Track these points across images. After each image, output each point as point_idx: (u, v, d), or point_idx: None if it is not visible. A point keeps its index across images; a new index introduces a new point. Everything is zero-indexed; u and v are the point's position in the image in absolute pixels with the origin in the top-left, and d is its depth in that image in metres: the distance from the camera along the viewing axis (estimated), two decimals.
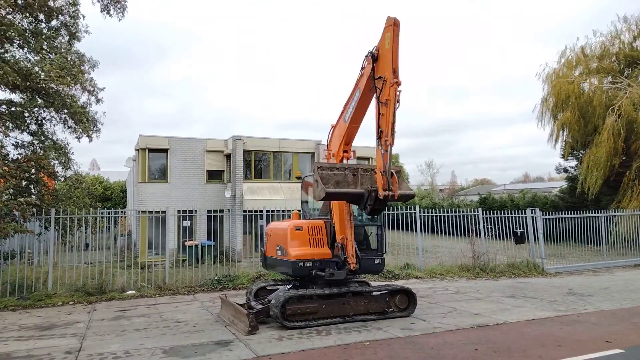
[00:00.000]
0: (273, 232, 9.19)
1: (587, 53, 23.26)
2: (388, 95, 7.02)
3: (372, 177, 7.69)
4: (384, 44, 7.28)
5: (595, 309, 9.29)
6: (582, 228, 16.00)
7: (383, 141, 7.02)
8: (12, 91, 11.91)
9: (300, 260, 8.29)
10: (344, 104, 8.33)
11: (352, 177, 7.87)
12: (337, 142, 8.50)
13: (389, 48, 7.15)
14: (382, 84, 7.14)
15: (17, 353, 6.65)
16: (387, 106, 7.00)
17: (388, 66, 7.12)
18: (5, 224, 10.37)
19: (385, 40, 7.23)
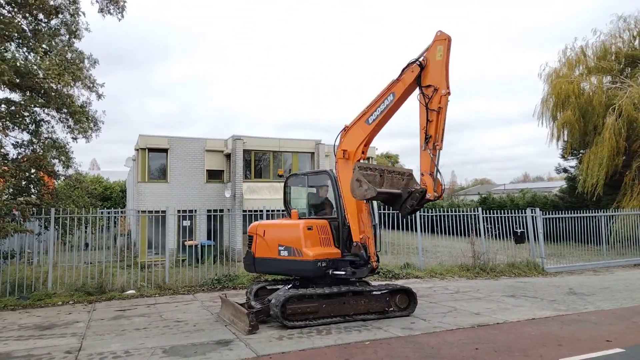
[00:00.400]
0: (270, 232, 8.82)
1: (587, 53, 23.27)
2: (440, 104, 7.50)
3: (395, 178, 8.31)
4: (434, 55, 7.69)
5: (596, 308, 9.29)
6: (582, 228, 15.99)
7: (432, 145, 7.52)
8: (11, 90, 11.90)
9: (319, 260, 8.15)
10: (367, 106, 8.33)
11: (379, 178, 8.12)
12: (355, 143, 8.40)
13: (440, 60, 7.61)
14: (432, 92, 7.56)
15: (17, 353, 6.64)
16: (438, 113, 7.49)
17: (439, 76, 7.58)
18: (5, 224, 10.37)
19: (437, 52, 7.66)
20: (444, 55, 7.58)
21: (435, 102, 7.53)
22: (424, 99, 7.63)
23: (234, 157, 20.89)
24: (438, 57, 7.64)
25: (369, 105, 8.31)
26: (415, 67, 7.83)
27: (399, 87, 8.00)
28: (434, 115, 7.50)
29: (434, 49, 7.72)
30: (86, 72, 12.63)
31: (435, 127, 7.51)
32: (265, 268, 9.01)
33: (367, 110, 8.31)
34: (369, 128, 8.26)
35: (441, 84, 7.53)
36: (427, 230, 15.16)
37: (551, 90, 23.08)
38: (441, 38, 7.67)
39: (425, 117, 7.59)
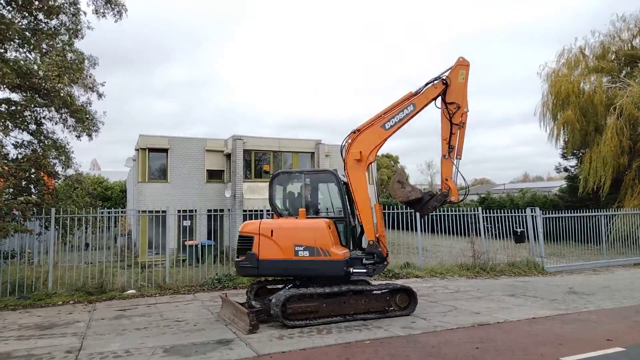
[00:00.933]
0: (280, 231, 8.29)
1: (586, 53, 23.28)
2: (462, 120, 8.58)
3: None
4: (456, 77, 8.68)
5: (596, 307, 9.29)
6: (582, 227, 16.00)
7: (454, 155, 8.66)
8: (11, 90, 11.91)
9: (345, 259, 8.16)
10: (382, 112, 8.76)
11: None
12: (370, 146, 8.72)
13: (462, 82, 8.67)
14: (455, 108, 8.59)
15: (17, 352, 6.64)
16: (461, 128, 8.59)
17: (461, 96, 8.62)
18: (5, 224, 10.37)
19: (459, 75, 8.68)
20: (465, 79, 8.69)
21: (457, 118, 8.58)
22: (448, 114, 8.61)
23: (234, 157, 20.89)
24: (460, 79, 8.67)
25: (385, 112, 8.75)
26: (439, 84, 8.66)
27: (421, 99, 8.73)
28: (456, 129, 8.58)
29: (456, 72, 8.68)
30: (86, 72, 12.64)
31: (458, 140, 8.62)
32: (274, 270, 8.45)
33: (385, 116, 8.71)
34: (385, 134, 8.72)
35: (463, 103, 8.58)
36: (427, 230, 15.17)
37: (551, 90, 23.09)
38: (463, 64, 8.70)
39: (449, 130, 8.61)
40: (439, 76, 8.70)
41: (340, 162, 9.16)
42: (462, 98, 8.59)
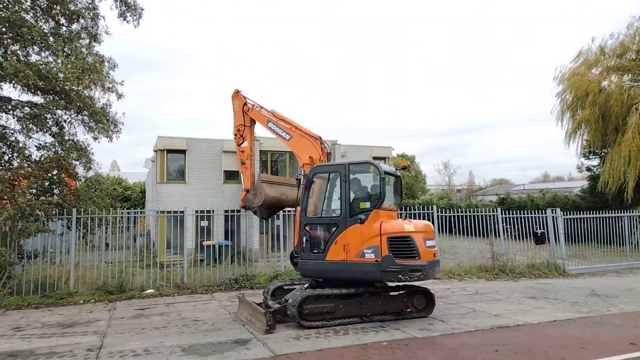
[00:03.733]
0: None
1: (606, 52, 22.74)
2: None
3: None
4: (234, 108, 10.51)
5: (619, 310, 9.08)
6: (605, 228, 15.65)
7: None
8: (33, 93, 12.17)
9: None
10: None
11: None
12: None
13: (237, 110, 10.42)
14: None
15: (40, 350, 6.78)
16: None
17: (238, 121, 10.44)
18: (28, 224, 10.61)
19: (234, 105, 10.48)
20: (239, 105, 10.35)
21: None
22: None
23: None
24: (235, 108, 10.45)
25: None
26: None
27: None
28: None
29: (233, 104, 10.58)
30: (105, 74, 12.85)
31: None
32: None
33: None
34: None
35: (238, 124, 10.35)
36: (445, 231, 15.02)
37: (570, 89, 22.62)
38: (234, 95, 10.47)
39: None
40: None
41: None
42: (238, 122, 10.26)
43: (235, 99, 10.38)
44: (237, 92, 10.40)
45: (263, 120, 9.96)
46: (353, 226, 8.00)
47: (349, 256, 7.98)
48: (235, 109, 10.36)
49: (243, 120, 10.25)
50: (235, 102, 10.35)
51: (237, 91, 10.41)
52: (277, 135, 9.70)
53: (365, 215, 7.96)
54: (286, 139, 9.47)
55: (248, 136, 10.24)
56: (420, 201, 41.38)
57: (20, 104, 12.31)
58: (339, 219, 8.17)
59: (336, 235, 8.10)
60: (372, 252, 7.84)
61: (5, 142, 12.41)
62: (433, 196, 47.91)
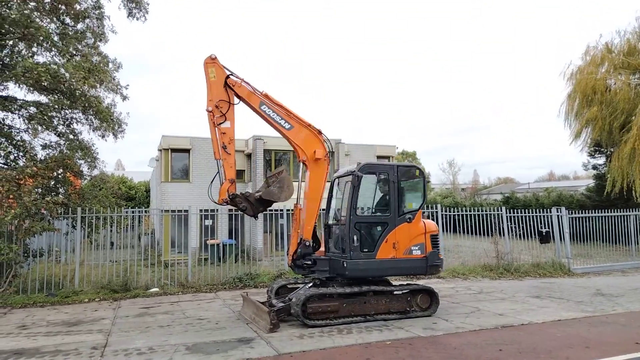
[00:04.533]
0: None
1: (613, 50, 22.58)
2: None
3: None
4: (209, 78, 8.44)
5: (625, 310, 9.03)
6: (611, 227, 15.56)
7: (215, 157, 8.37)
8: (40, 93, 12.24)
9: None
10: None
11: (266, 182, 8.77)
12: None
13: (214, 80, 8.42)
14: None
15: (45, 348, 6.82)
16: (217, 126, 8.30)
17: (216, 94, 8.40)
18: (34, 223, 10.68)
19: (210, 75, 8.42)
20: (216, 75, 8.38)
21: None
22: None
23: (254, 157, 21.03)
24: (212, 78, 8.39)
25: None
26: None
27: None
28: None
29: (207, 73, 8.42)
30: (111, 75, 12.92)
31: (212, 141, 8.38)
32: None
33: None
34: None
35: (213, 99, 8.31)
36: (449, 230, 14.97)
37: (576, 87, 22.48)
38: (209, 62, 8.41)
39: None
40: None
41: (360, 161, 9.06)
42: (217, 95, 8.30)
43: (211, 66, 8.45)
44: (212, 58, 8.45)
45: (255, 101, 8.50)
46: (402, 225, 8.50)
47: (398, 254, 8.41)
48: (211, 78, 8.39)
49: (226, 95, 8.42)
50: (212, 71, 8.42)
51: (213, 58, 8.46)
52: (271, 122, 8.53)
53: (412, 215, 8.63)
54: (285, 128, 8.51)
55: (232, 116, 8.41)
56: None
57: (25, 103, 12.38)
58: (389, 217, 8.53)
59: (387, 233, 8.41)
60: (419, 248, 8.57)
61: (11, 142, 12.50)
62: (437, 194, 47.80)
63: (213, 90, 8.33)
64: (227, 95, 8.38)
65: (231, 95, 8.43)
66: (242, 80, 8.51)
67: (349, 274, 8.17)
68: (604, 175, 25.57)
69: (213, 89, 8.33)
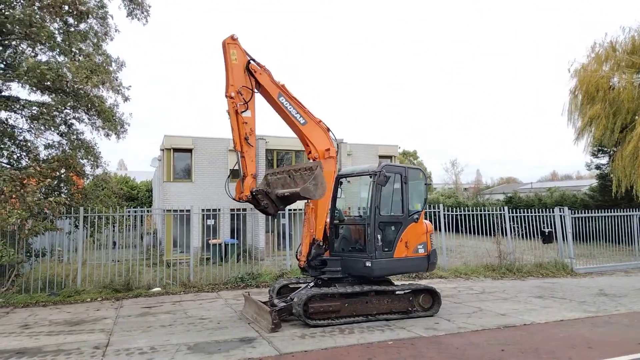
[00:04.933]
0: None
1: (617, 48, 22.50)
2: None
3: (305, 175, 7.98)
4: (230, 60, 7.80)
5: (628, 310, 8.99)
6: (614, 227, 15.51)
7: (234, 148, 7.75)
8: (43, 93, 12.26)
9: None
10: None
11: (289, 178, 8.22)
12: None
13: (236, 64, 7.80)
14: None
15: (47, 347, 6.83)
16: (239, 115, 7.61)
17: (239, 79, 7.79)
18: (36, 223, 10.70)
19: (232, 57, 7.78)
20: (238, 58, 7.75)
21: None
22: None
23: (256, 157, 21.00)
24: (234, 61, 7.73)
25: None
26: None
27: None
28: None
29: (228, 55, 7.75)
30: (113, 75, 12.93)
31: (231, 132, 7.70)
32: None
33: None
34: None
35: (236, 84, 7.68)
36: (452, 230, 14.95)
37: (580, 85, 22.41)
38: (232, 43, 7.76)
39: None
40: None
41: (362, 161, 9.09)
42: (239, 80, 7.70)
43: (232, 47, 7.77)
44: (234, 39, 7.78)
45: (274, 91, 8.03)
46: (411, 225, 8.79)
47: (409, 252, 8.71)
48: (232, 61, 7.71)
49: (247, 81, 7.83)
50: (233, 53, 7.75)
51: (234, 38, 7.79)
52: (287, 116, 8.17)
53: (418, 215, 8.95)
54: (300, 122, 8.25)
55: (253, 105, 7.78)
56: None
57: (28, 103, 12.41)
58: (403, 217, 8.75)
59: (401, 233, 8.65)
60: (423, 247, 8.92)
61: (14, 141, 12.53)
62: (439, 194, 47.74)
63: (235, 75, 7.70)
64: (249, 82, 7.85)
65: (252, 81, 7.89)
66: (264, 67, 8.03)
67: (375, 273, 8.29)
68: (607, 175, 25.49)
69: (235, 73, 7.70)
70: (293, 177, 8.20)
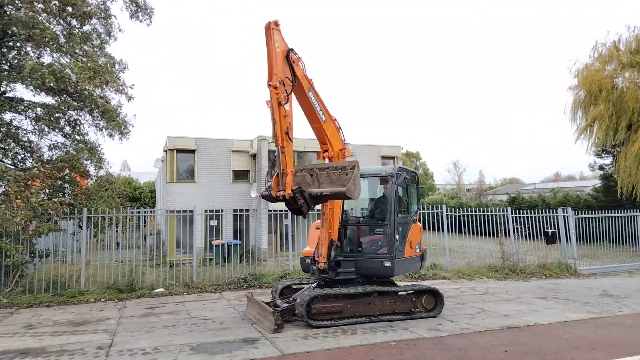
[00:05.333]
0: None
1: (620, 47, 22.40)
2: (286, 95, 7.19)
3: (333, 174, 7.73)
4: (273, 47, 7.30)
5: (632, 311, 8.96)
6: (617, 228, 15.45)
7: (275, 143, 7.12)
8: (46, 94, 12.31)
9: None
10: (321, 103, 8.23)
11: (310, 177, 7.95)
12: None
13: (279, 51, 7.29)
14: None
15: (51, 348, 6.86)
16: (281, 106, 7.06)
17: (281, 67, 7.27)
18: (40, 223, 10.74)
19: (275, 44, 7.28)
20: (280, 44, 7.27)
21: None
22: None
23: (259, 157, 21.06)
24: (277, 49, 7.25)
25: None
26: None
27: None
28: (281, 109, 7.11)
29: (271, 42, 7.28)
30: (116, 76, 12.97)
31: (272, 124, 7.07)
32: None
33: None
34: (323, 126, 8.18)
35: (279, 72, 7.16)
36: (455, 231, 14.92)
37: (582, 85, 22.34)
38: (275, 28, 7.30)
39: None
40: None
41: (364, 162, 9.11)
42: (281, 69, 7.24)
43: (276, 34, 7.28)
44: (277, 24, 7.34)
45: (306, 85, 7.77)
46: (413, 225, 9.07)
47: (412, 252, 8.99)
48: (276, 49, 7.22)
49: (288, 71, 7.43)
50: (276, 40, 7.26)
51: (277, 23, 7.34)
52: (311, 111, 7.96)
53: (416, 216, 9.27)
54: (322, 120, 8.06)
55: (291, 98, 7.36)
56: (428, 200, 41.17)
57: (32, 104, 12.46)
58: (408, 218, 9.00)
59: (407, 233, 8.86)
60: (417, 247, 9.22)
61: (18, 143, 12.58)
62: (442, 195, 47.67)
63: (278, 63, 7.21)
64: (290, 72, 7.47)
65: (290, 72, 7.49)
66: (300, 58, 7.69)
67: (395, 273, 8.50)
68: (610, 176, 25.41)
69: (278, 61, 7.22)
70: (316, 175, 7.87)
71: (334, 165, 7.88)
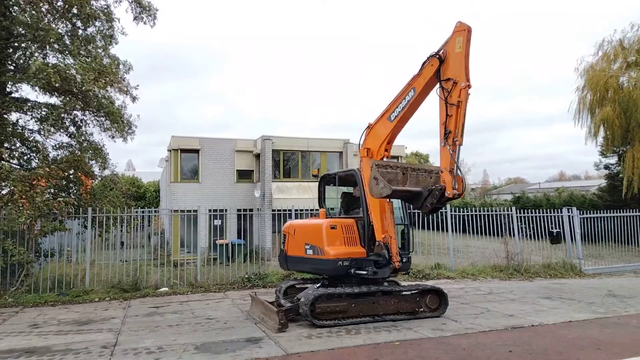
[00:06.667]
0: (299, 231, 8.93)
1: (626, 46, 22.26)
2: (459, 97, 7.20)
3: (421, 176, 7.92)
4: (453, 47, 7.41)
5: (637, 311, 8.90)
6: (623, 228, 15.37)
7: (451, 141, 7.18)
8: (51, 94, 12.37)
9: (340, 259, 8.17)
10: (390, 103, 8.21)
11: (402, 176, 7.86)
12: (378, 141, 8.31)
13: (460, 52, 7.33)
14: (452, 85, 7.30)
15: (56, 347, 6.89)
16: (458, 107, 7.19)
17: (458, 69, 7.31)
18: (45, 223, 10.80)
19: (456, 44, 7.38)
20: (463, 47, 7.30)
21: (454, 95, 7.25)
22: (444, 93, 7.38)
23: (263, 157, 21.08)
24: (457, 49, 7.35)
25: (391, 102, 8.19)
26: (434, 60, 7.58)
27: (419, 81, 7.83)
28: (453, 109, 7.22)
29: (453, 40, 7.45)
30: (121, 76, 13.01)
31: (454, 122, 7.19)
32: (295, 266, 9.19)
33: (390, 107, 8.20)
34: (391, 125, 8.15)
35: (460, 76, 7.25)
36: (459, 230, 14.88)
37: (588, 85, 22.22)
38: (461, 29, 7.37)
39: (445, 112, 7.31)
40: (437, 51, 7.61)
41: None
42: (459, 71, 7.30)
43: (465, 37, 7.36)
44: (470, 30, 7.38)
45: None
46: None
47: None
48: (457, 50, 7.38)
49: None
50: (459, 41, 7.40)
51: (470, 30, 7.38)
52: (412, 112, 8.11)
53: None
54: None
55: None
56: None
57: (37, 104, 12.53)
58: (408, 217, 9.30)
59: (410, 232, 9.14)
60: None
61: (24, 143, 12.65)
62: None
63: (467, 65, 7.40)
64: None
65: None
66: None
67: (410, 269, 8.88)
68: (616, 175, 25.29)
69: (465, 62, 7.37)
70: (407, 175, 7.90)
71: (423, 168, 8.38)
